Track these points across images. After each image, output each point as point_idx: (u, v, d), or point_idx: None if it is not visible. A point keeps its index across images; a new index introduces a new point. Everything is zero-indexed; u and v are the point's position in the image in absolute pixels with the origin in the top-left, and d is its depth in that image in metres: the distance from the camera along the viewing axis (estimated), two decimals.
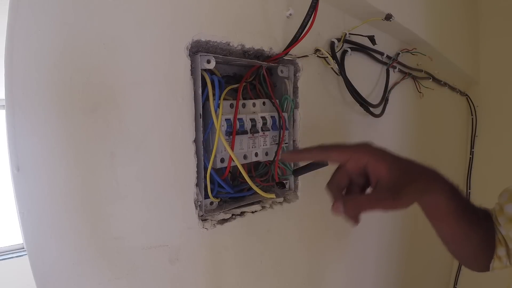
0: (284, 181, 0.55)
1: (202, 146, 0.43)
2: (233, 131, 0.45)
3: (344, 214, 0.42)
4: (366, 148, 0.43)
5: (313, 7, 0.46)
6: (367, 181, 0.44)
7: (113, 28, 0.35)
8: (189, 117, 0.42)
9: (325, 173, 0.59)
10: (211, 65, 0.43)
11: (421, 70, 1.02)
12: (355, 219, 0.45)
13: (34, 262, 0.31)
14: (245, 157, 0.48)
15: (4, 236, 2.50)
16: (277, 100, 0.52)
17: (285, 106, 0.53)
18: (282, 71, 0.53)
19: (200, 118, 0.43)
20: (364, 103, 0.71)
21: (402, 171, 0.42)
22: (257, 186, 0.47)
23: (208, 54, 0.43)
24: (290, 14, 0.53)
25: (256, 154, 0.49)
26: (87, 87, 0.33)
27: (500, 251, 0.52)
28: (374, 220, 0.89)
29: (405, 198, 0.41)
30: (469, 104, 1.70)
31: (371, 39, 0.68)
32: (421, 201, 0.47)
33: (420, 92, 1.07)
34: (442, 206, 0.47)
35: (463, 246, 0.54)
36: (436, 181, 0.45)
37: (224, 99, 0.45)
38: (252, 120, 0.48)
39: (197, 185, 0.43)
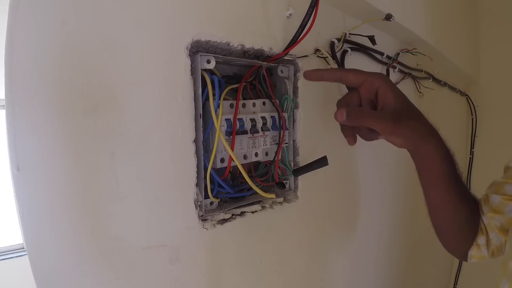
0: (284, 181, 0.55)
1: (202, 146, 0.43)
2: (233, 131, 0.45)
3: (345, 120, 0.43)
4: (381, 75, 0.46)
5: (313, 7, 0.46)
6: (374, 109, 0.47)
7: (113, 28, 0.35)
8: (189, 117, 0.42)
9: (325, 173, 0.59)
10: (211, 65, 0.43)
11: (421, 70, 1.02)
12: (352, 137, 0.48)
13: (34, 262, 0.31)
14: (245, 157, 0.48)
15: (4, 236, 2.50)
16: (277, 100, 0.52)
17: (285, 106, 0.53)
18: (282, 71, 0.53)
19: (200, 118, 0.43)
20: None
21: (407, 108, 0.45)
22: (257, 186, 0.47)
23: (208, 54, 0.43)
24: (290, 14, 0.53)
25: (256, 154, 0.49)
26: (87, 87, 0.33)
27: (481, 239, 0.53)
28: (375, 221, 0.89)
29: (403, 127, 0.43)
30: (469, 104, 1.70)
31: (371, 39, 0.68)
32: (415, 152, 0.49)
33: (420, 92, 1.06)
34: (436, 164, 0.48)
35: (449, 219, 0.54)
36: (435, 135, 0.48)
37: (224, 99, 0.45)
38: (252, 120, 0.48)
39: (197, 185, 0.43)
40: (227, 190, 0.47)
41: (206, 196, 0.45)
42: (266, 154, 0.51)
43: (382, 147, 0.89)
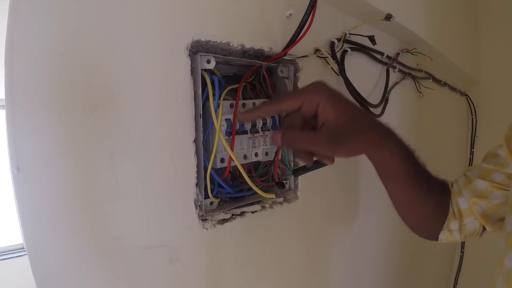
0: (284, 181, 0.55)
1: (202, 146, 0.43)
2: (233, 131, 0.45)
3: (280, 145, 0.41)
4: (319, 89, 0.41)
5: (312, 6, 0.46)
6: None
7: (113, 28, 0.35)
8: (189, 117, 0.42)
9: (325, 173, 0.59)
10: (211, 65, 0.43)
11: (421, 70, 1.02)
12: (305, 159, 0.44)
13: (34, 262, 0.31)
14: (245, 157, 0.48)
15: (4, 236, 2.50)
16: None
17: None
18: (282, 71, 0.53)
19: (200, 118, 0.43)
20: (364, 103, 0.71)
21: (351, 120, 0.41)
22: (257, 186, 0.47)
23: (208, 54, 0.43)
24: (290, 14, 0.53)
25: (256, 154, 0.49)
26: (87, 87, 0.33)
27: (453, 224, 0.51)
28: (374, 220, 0.89)
29: (346, 146, 0.40)
30: (469, 104, 1.70)
31: (371, 39, 0.68)
32: (371, 157, 0.47)
33: (420, 92, 1.07)
34: (393, 166, 0.46)
35: (413, 212, 0.53)
36: (389, 139, 0.45)
37: (224, 99, 0.45)
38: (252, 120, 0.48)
39: (197, 185, 0.43)
40: (227, 190, 0.47)
41: (206, 196, 0.45)
42: (266, 154, 0.51)
43: None
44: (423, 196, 0.50)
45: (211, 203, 0.46)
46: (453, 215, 0.52)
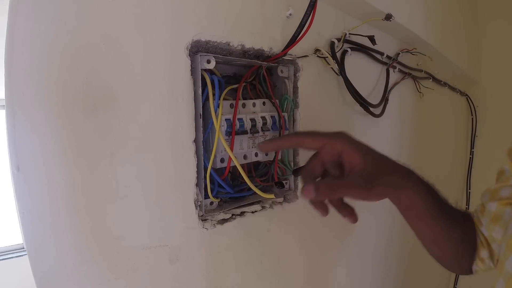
0: (284, 181, 0.55)
1: (202, 146, 0.43)
2: (233, 131, 0.45)
3: (315, 197, 0.41)
4: (341, 136, 0.43)
5: (312, 6, 0.46)
6: (341, 173, 0.44)
7: (113, 28, 0.35)
8: (189, 117, 0.42)
9: None
10: (211, 65, 0.43)
11: (421, 70, 1.02)
12: (324, 209, 0.45)
13: (34, 262, 0.31)
14: (245, 157, 0.48)
15: (4, 236, 2.50)
16: (277, 100, 0.52)
17: (285, 106, 0.53)
18: (282, 71, 0.53)
19: (200, 118, 0.43)
20: (364, 103, 0.71)
21: (376, 163, 0.43)
22: (256, 186, 0.47)
23: (208, 54, 0.43)
24: (290, 14, 0.53)
25: (256, 154, 0.49)
26: (87, 87, 0.33)
27: (483, 253, 0.51)
28: (374, 220, 0.89)
29: (378, 189, 0.41)
30: (469, 104, 1.70)
31: (371, 39, 0.68)
32: (394, 198, 0.47)
33: (420, 92, 1.07)
34: (417, 205, 0.47)
35: (443, 248, 0.53)
36: (410, 179, 0.46)
37: (224, 99, 0.45)
38: (252, 120, 0.48)
39: (197, 185, 0.43)
40: (227, 190, 0.47)
41: (206, 196, 0.45)
42: (266, 154, 0.51)
43: (382, 147, 0.89)
44: (450, 230, 0.50)
45: (211, 203, 0.46)
46: (481, 244, 0.52)
